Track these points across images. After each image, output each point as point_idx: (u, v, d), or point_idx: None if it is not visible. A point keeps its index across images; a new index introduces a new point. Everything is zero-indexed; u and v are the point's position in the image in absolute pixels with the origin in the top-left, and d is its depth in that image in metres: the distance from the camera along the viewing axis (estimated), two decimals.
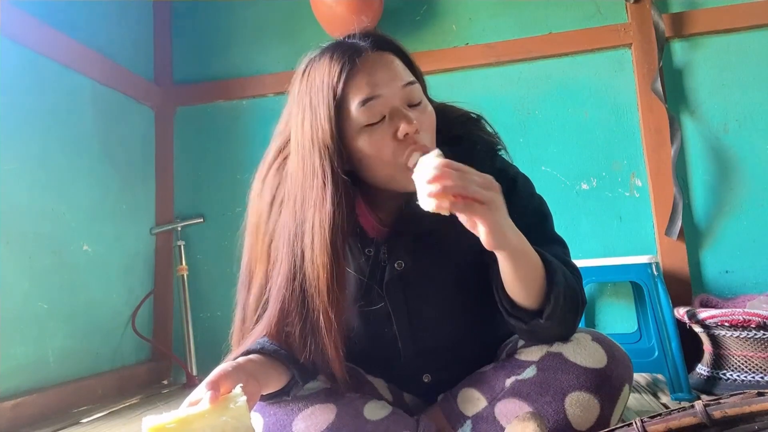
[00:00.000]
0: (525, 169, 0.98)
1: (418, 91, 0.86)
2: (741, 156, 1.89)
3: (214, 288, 2.24)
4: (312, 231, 0.82)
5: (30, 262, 1.68)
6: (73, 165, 1.89)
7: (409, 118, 0.81)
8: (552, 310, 0.79)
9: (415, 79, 0.86)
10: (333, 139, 0.82)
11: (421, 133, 0.83)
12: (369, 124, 0.82)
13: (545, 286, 0.79)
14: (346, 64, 0.82)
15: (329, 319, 0.81)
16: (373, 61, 0.84)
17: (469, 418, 0.85)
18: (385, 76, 0.83)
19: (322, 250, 0.81)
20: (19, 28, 1.71)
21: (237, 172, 2.26)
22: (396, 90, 0.83)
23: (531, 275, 0.78)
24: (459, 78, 2.13)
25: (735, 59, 1.93)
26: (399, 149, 0.82)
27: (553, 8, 2.10)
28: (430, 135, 0.85)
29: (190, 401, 0.69)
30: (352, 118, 0.82)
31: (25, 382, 1.63)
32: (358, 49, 0.84)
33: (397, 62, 0.86)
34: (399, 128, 0.81)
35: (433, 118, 0.87)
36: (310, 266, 0.82)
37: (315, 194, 0.82)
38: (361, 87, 0.82)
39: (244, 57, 2.35)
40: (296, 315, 0.83)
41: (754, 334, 1.44)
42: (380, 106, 0.82)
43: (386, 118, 0.82)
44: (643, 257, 1.64)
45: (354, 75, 0.82)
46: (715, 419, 0.59)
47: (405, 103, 0.84)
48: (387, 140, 0.82)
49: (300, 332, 0.83)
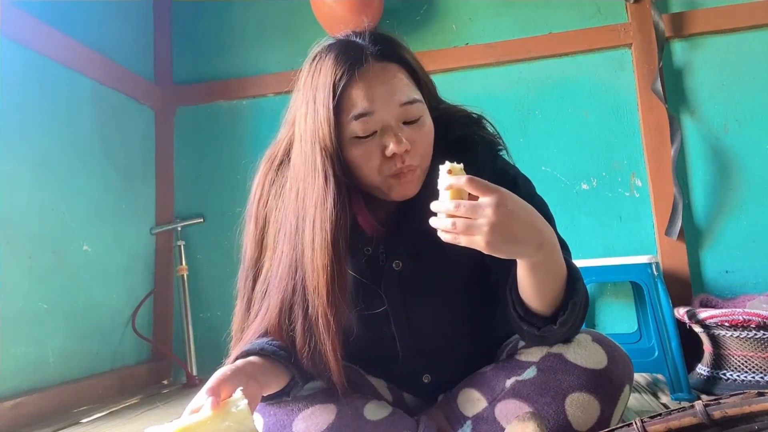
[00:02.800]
0: (525, 169, 0.97)
1: (417, 108, 0.85)
2: (741, 156, 1.89)
3: (214, 288, 2.24)
4: (313, 230, 0.82)
5: (30, 262, 1.68)
6: (73, 165, 1.89)
7: (399, 138, 0.81)
8: (567, 317, 0.78)
9: (415, 98, 0.85)
10: (332, 142, 0.82)
11: (411, 152, 0.83)
12: (359, 137, 0.82)
13: (564, 292, 0.78)
14: (347, 72, 0.81)
15: (328, 321, 0.81)
16: (374, 74, 0.82)
17: (469, 418, 0.85)
18: (384, 93, 0.82)
19: (323, 252, 0.81)
20: (19, 28, 1.71)
21: (237, 172, 2.25)
22: (392, 108, 0.82)
23: (551, 284, 0.77)
24: (459, 78, 2.13)
25: (735, 59, 1.93)
26: (385, 165, 0.83)
27: (553, 8, 2.10)
28: (422, 153, 0.85)
29: (191, 409, 0.69)
30: (346, 126, 0.82)
31: (25, 382, 1.63)
32: (363, 57, 0.83)
33: (400, 77, 0.85)
34: (388, 147, 0.81)
35: (429, 135, 0.87)
36: (310, 266, 0.82)
37: (316, 194, 0.83)
38: (358, 101, 0.81)
39: (244, 57, 2.36)
40: (297, 308, 0.83)
41: (754, 334, 1.44)
42: (373, 122, 0.82)
43: (378, 132, 0.82)
44: (643, 257, 1.64)
45: (353, 86, 0.82)
46: (715, 419, 0.59)
47: (400, 121, 0.83)
48: (375, 155, 0.83)
49: (302, 325, 0.83)
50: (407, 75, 0.86)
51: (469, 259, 0.90)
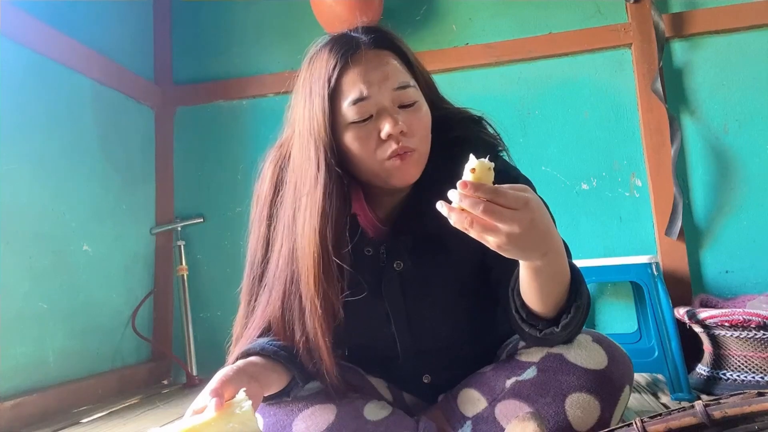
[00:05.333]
0: (525, 169, 0.97)
1: (412, 92, 0.86)
2: (741, 156, 1.89)
3: (214, 288, 2.24)
4: (303, 219, 0.83)
5: (30, 262, 1.68)
6: (73, 165, 1.89)
7: (395, 119, 0.82)
8: (570, 320, 0.78)
9: (408, 82, 0.86)
10: (326, 132, 0.83)
11: (408, 134, 0.83)
12: (356, 122, 0.83)
13: (567, 295, 0.78)
14: (340, 59, 0.83)
15: (315, 307, 0.81)
16: (368, 59, 0.84)
17: (470, 418, 0.85)
18: (378, 77, 0.83)
19: (310, 238, 0.82)
20: (19, 28, 1.71)
21: (237, 172, 2.26)
22: (387, 92, 0.83)
23: (554, 287, 0.76)
24: (459, 78, 2.13)
25: (735, 59, 1.93)
26: (382, 148, 0.83)
27: (553, 8, 2.10)
28: (419, 137, 0.85)
29: (193, 409, 0.69)
30: (342, 114, 0.83)
31: (25, 382, 1.63)
32: (356, 45, 0.85)
33: (393, 62, 0.86)
34: (383, 129, 0.82)
35: (425, 120, 0.87)
36: (300, 252, 0.83)
37: (309, 183, 0.84)
38: (353, 86, 0.83)
39: (244, 57, 2.35)
40: (294, 298, 0.84)
41: (754, 334, 1.44)
42: (369, 106, 0.83)
43: (373, 116, 0.83)
44: (643, 257, 1.64)
45: (347, 72, 0.83)
46: (715, 419, 0.59)
47: (396, 104, 0.84)
48: (371, 138, 0.83)
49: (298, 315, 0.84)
50: (400, 62, 0.87)
51: (469, 259, 0.90)
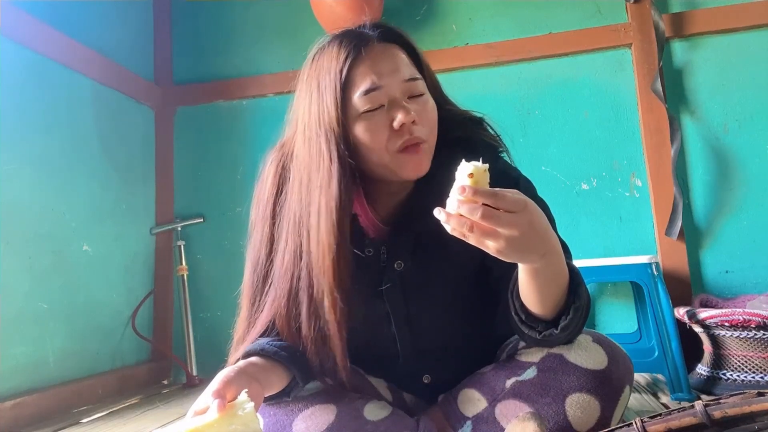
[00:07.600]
0: (525, 170, 0.97)
1: (421, 85, 0.87)
2: (741, 156, 1.89)
3: (214, 288, 2.24)
4: (318, 212, 0.82)
5: (30, 262, 1.68)
6: (73, 165, 1.89)
7: (407, 109, 0.83)
8: (569, 321, 0.78)
9: (418, 76, 0.87)
10: (339, 123, 0.83)
11: (418, 125, 0.84)
12: (367, 111, 0.83)
13: (566, 297, 0.78)
14: (352, 51, 0.84)
15: (334, 299, 0.81)
16: (377, 52, 0.85)
17: (470, 418, 0.85)
18: (388, 68, 0.84)
19: (329, 231, 0.81)
20: (19, 28, 1.70)
21: (237, 172, 2.26)
22: (397, 82, 0.84)
23: (553, 289, 0.76)
24: (459, 78, 2.13)
25: (735, 59, 1.93)
26: (393, 138, 0.83)
27: (553, 8, 2.10)
28: (428, 128, 0.86)
29: (195, 411, 0.69)
30: (353, 104, 0.84)
31: (25, 382, 1.63)
32: (366, 39, 0.86)
33: (401, 56, 0.87)
34: (396, 118, 0.82)
35: (433, 112, 0.88)
36: (316, 247, 0.82)
37: (321, 175, 0.83)
38: (365, 76, 0.83)
39: (244, 57, 2.35)
40: (303, 294, 0.84)
41: (754, 334, 1.44)
42: (381, 96, 0.83)
43: (385, 107, 0.84)
44: (643, 257, 1.64)
45: (359, 64, 0.84)
46: (715, 419, 0.59)
47: (405, 95, 0.85)
48: (383, 128, 0.83)
49: (307, 309, 0.83)
50: (408, 56, 0.89)
51: (469, 260, 0.90)
